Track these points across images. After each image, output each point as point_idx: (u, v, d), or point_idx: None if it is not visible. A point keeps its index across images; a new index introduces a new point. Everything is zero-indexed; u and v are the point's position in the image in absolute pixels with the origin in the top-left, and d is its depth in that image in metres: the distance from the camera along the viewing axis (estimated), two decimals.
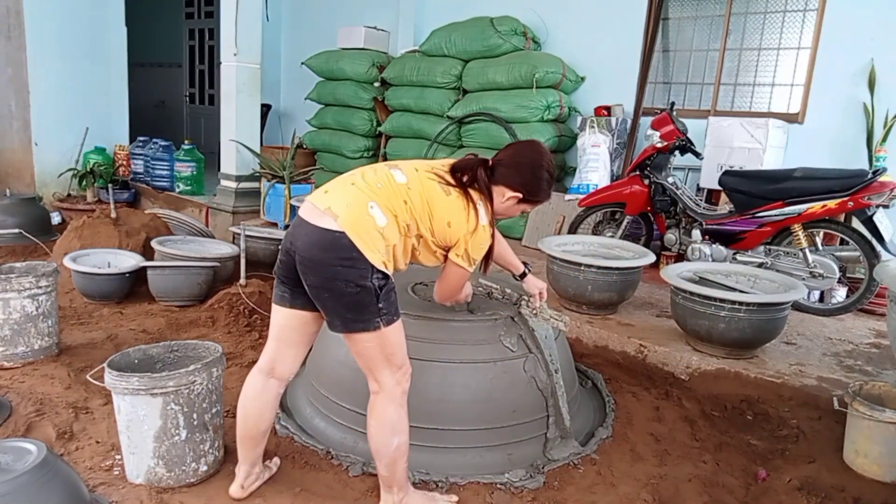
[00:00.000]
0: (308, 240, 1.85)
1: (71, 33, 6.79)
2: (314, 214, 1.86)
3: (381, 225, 1.84)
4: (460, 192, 1.96)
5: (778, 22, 5.10)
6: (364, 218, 1.83)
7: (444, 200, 1.93)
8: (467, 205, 1.95)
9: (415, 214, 1.91)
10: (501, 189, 2.02)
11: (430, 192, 1.93)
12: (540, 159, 2.04)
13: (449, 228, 1.94)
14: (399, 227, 1.89)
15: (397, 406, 1.95)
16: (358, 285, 1.81)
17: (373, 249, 1.81)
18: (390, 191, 1.90)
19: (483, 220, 1.97)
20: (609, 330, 3.47)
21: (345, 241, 1.79)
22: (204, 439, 2.14)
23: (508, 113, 5.57)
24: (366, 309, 1.84)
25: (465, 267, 2.01)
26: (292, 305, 2.00)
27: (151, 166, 6.98)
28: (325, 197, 1.90)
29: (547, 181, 2.05)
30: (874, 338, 3.65)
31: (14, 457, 1.68)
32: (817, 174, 3.84)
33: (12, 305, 2.93)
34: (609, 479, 2.32)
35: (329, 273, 1.81)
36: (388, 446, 1.95)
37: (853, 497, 2.24)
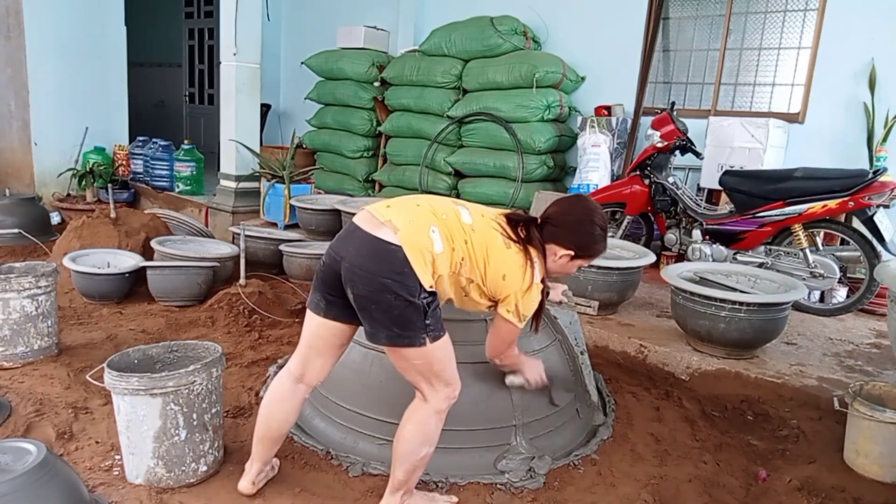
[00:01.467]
0: (361, 247, 1.82)
1: (70, 33, 6.79)
2: (372, 224, 1.84)
3: (437, 251, 1.82)
4: (520, 248, 1.94)
5: (778, 22, 5.10)
6: (423, 239, 1.81)
7: (504, 253, 1.91)
8: (525, 262, 1.93)
9: (472, 257, 1.89)
10: (553, 247, 1.99)
11: (491, 241, 1.91)
12: (590, 215, 2.01)
13: (503, 281, 1.92)
14: (452, 262, 1.87)
15: (438, 419, 1.94)
16: (406, 300, 1.78)
17: (424, 270, 1.79)
18: (454, 225, 1.89)
19: (537, 279, 1.95)
20: (609, 330, 3.47)
21: (400, 255, 1.77)
22: (203, 439, 2.14)
23: (508, 113, 5.57)
24: (412, 324, 1.81)
25: (515, 323, 1.96)
26: (326, 315, 1.97)
27: (151, 166, 6.98)
28: (387, 210, 1.87)
29: (599, 236, 2.03)
30: (875, 338, 3.65)
31: (14, 457, 1.67)
32: (818, 174, 3.84)
33: (12, 305, 2.92)
34: (609, 479, 2.32)
35: (378, 285, 1.78)
36: (416, 454, 1.93)
37: (853, 497, 2.24)
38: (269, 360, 3.19)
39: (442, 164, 6.00)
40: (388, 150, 6.53)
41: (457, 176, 6.08)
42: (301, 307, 3.96)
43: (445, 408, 1.94)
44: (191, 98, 10.11)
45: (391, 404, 2.32)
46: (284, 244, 4.64)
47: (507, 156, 5.60)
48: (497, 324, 2.03)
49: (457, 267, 1.88)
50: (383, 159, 6.73)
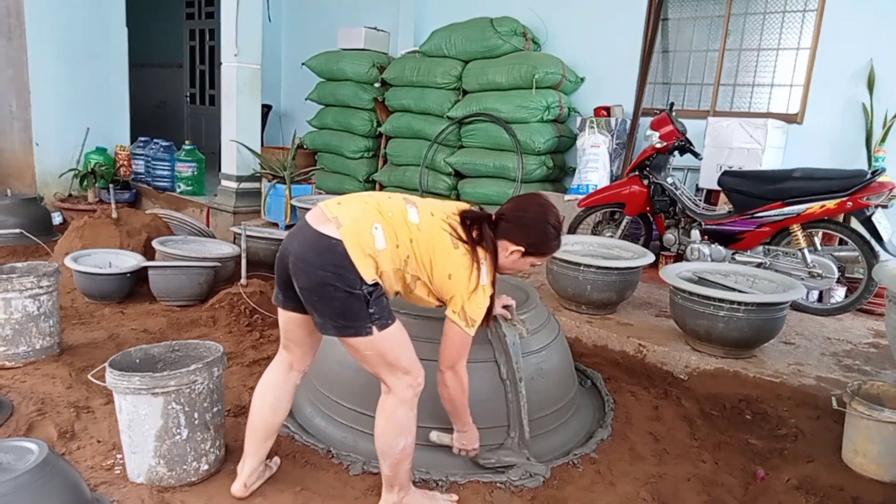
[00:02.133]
0: (305, 242, 1.87)
1: (72, 34, 6.80)
2: (319, 219, 1.89)
3: (378, 247, 1.86)
4: (468, 249, 1.95)
5: (777, 22, 5.11)
6: (365, 235, 1.85)
7: (450, 253, 1.93)
8: (472, 263, 1.94)
9: (417, 255, 1.92)
10: (505, 244, 2.01)
11: (437, 241, 1.93)
12: (543, 213, 2.03)
13: (449, 280, 1.94)
14: (395, 259, 1.89)
15: (407, 409, 1.94)
16: (347, 291, 1.81)
17: (365, 264, 1.83)
18: (400, 223, 1.92)
19: (484, 280, 1.95)
20: (608, 330, 3.48)
21: (340, 249, 1.81)
22: (205, 438, 2.15)
23: (508, 113, 5.58)
24: (356, 314, 1.83)
25: (463, 328, 1.95)
26: (285, 307, 2.03)
27: (152, 166, 6.99)
28: (336, 207, 1.92)
29: (552, 234, 2.03)
30: (873, 337, 3.66)
31: (15, 456, 1.69)
32: (816, 174, 3.85)
33: (14, 305, 2.94)
34: (608, 478, 2.33)
35: (318, 277, 1.82)
36: (395, 447, 1.94)
37: (852, 496, 2.25)
38: (271, 359, 3.16)
39: (442, 165, 6.01)
40: (389, 151, 6.54)
41: (457, 176, 6.09)
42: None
43: (411, 396, 1.94)
44: (192, 99, 10.12)
45: None
46: None
47: (507, 156, 5.61)
48: (446, 331, 2.00)
49: (401, 264, 1.91)
50: (383, 160, 6.74)
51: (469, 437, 2.22)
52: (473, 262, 1.94)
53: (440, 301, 2.02)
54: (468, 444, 2.23)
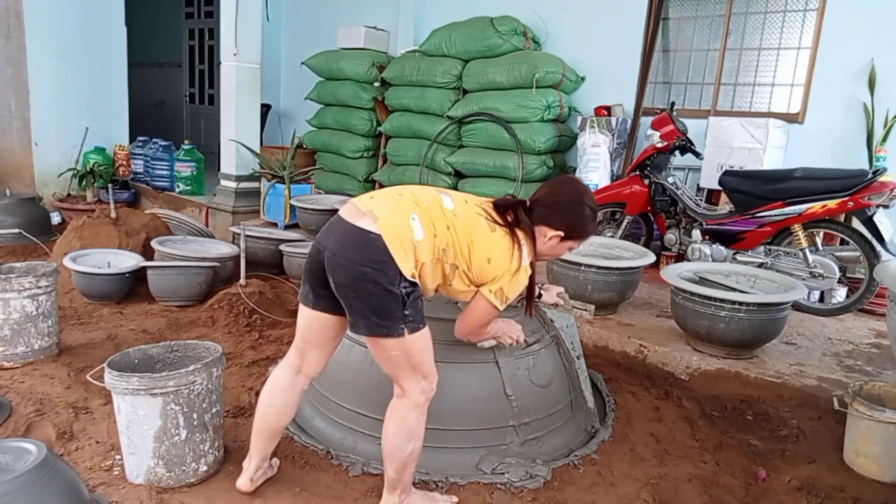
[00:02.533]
0: (342, 237, 1.84)
1: (71, 33, 6.79)
2: (354, 214, 1.86)
3: (417, 238, 1.83)
4: (506, 231, 1.93)
5: (778, 22, 5.10)
6: (403, 227, 1.82)
7: (489, 236, 1.91)
8: (512, 244, 1.93)
9: (455, 242, 1.89)
10: (542, 229, 2.00)
11: (475, 226, 1.91)
12: (580, 195, 2.03)
13: (488, 265, 1.91)
14: (435, 249, 1.87)
15: (418, 413, 1.93)
16: (385, 289, 1.78)
17: (404, 259, 1.80)
18: (436, 212, 1.90)
19: (525, 262, 1.94)
20: (609, 330, 3.48)
21: (379, 244, 1.78)
22: (204, 439, 2.14)
23: (508, 113, 5.57)
24: (391, 314, 1.81)
25: (496, 305, 1.94)
26: (315, 307, 1.99)
27: (151, 166, 6.98)
28: (370, 201, 1.90)
29: (589, 216, 2.02)
30: (874, 338, 3.65)
31: (14, 457, 1.68)
32: (817, 174, 3.84)
33: (12, 305, 2.93)
34: (609, 479, 2.32)
35: (357, 273, 1.79)
36: (403, 451, 1.93)
37: (853, 497, 2.24)
38: (270, 359, 3.20)
39: (442, 164, 6.00)
40: (388, 151, 6.53)
41: (457, 176, 6.08)
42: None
43: (424, 401, 1.93)
44: (191, 98, 10.12)
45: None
46: (284, 244, 4.64)
47: (507, 156, 5.60)
48: (475, 303, 1.98)
49: (440, 253, 1.88)
50: (383, 159, 6.73)
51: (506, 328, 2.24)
52: (514, 243, 1.93)
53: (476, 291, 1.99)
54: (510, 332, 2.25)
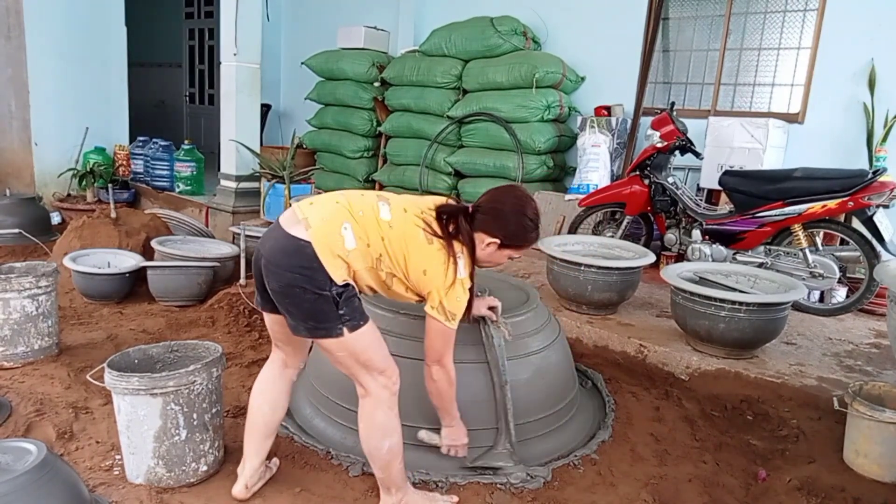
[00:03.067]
0: (275, 244, 1.88)
1: (71, 33, 6.79)
2: (290, 221, 1.90)
3: (348, 248, 1.86)
4: (443, 245, 1.93)
5: (778, 22, 5.10)
6: (334, 235, 1.85)
7: (424, 249, 1.92)
8: (447, 258, 1.92)
9: (390, 252, 1.91)
10: (481, 236, 1.99)
11: (411, 238, 1.92)
12: (520, 205, 2.01)
13: (424, 276, 1.93)
14: (367, 257, 1.89)
15: (386, 409, 1.93)
16: (315, 293, 1.81)
17: (334, 265, 1.82)
18: (370, 222, 1.91)
19: (461, 274, 1.93)
20: (609, 330, 3.47)
21: (308, 251, 1.81)
22: (204, 439, 2.14)
23: (508, 113, 5.57)
24: (326, 316, 1.83)
25: (443, 322, 1.94)
26: (263, 308, 2.05)
27: (151, 166, 6.98)
28: (308, 208, 1.92)
29: (529, 226, 2.01)
30: (874, 338, 3.65)
31: (14, 457, 1.68)
32: (817, 174, 3.84)
33: (12, 305, 2.93)
34: (609, 479, 2.32)
35: (288, 279, 1.83)
36: (380, 449, 1.94)
37: (853, 497, 2.24)
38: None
39: (442, 165, 6.00)
40: (388, 151, 6.53)
41: (457, 176, 6.08)
42: None
43: (388, 396, 1.93)
44: (191, 98, 10.12)
45: None
46: None
47: (507, 156, 5.60)
48: (427, 326, 1.99)
49: (374, 262, 1.90)
50: (383, 159, 6.73)
51: (457, 433, 2.20)
52: (449, 257, 1.93)
53: (419, 296, 2.01)
54: (457, 439, 2.21)
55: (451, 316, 1.95)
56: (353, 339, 1.86)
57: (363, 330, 1.88)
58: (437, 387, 2.07)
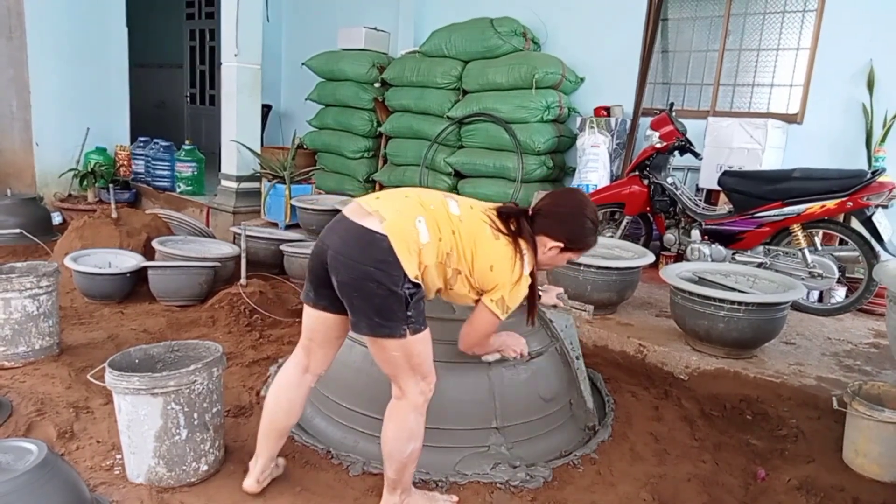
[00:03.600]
0: (347, 235, 1.84)
1: (72, 34, 6.80)
2: (359, 214, 1.86)
3: (423, 241, 1.83)
4: (509, 240, 1.94)
5: (777, 22, 5.10)
6: (409, 229, 1.82)
7: (492, 244, 1.92)
8: (514, 254, 1.93)
9: (459, 247, 1.89)
10: (543, 239, 2.00)
11: (479, 232, 1.92)
12: (582, 207, 2.03)
13: (490, 272, 1.92)
14: (439, 252, 1.87)
15: (417, 414, 1.93)
16: (389, 289, 1.78)
17: (409, 260, 1.80)
18: (442, 216, 1.90)
19: (526, 271, 1.95)
20: (609, 330, 3.48)
21: (384, 244, 1.77)
22: (204, 439, 2.15)
23: (508, 113, 5.57)
24: (394, 315, 1.80)
25: (498, 314, 1.95)
26: (316, 306, 1.99)
27: (152, 166, 6.99)
28: (375, 201, 1.89)
29: (590, 229, 2.03)
30: (873, 338, 3.65)
31: (15, 456, 1.68)
32: (816, 174, 3.85)
33: (13, 305, 2.93)
34: (609, 478, 2.33)
35: (361, 272, 1.79)
36: (403, 452, 1.93)
37: (852, 497, 2.25)
38: (270, 359, 3.20)
39: (442, 165, 6.01)
40: (389, 151, 6.54)
41: (457, 176, 6.08)
42: (302, 306, 3.97)
43: (422, 402, 1.94)
44: (192, 99, 10.12)
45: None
46: (285, 244, 4.65)
47: (507, 156, 5.60)
48: (477, 313, 1.99)
49: (443, 257, 1.88)
50: (384, 160, 6.73)
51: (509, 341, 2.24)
52: (516, 253, 1.93)
53: (479, 296, 1.99)
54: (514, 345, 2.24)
55: (508, 310, 1.96)
56: (413, 341, 1.84)
57: (423, 334, 1.88)
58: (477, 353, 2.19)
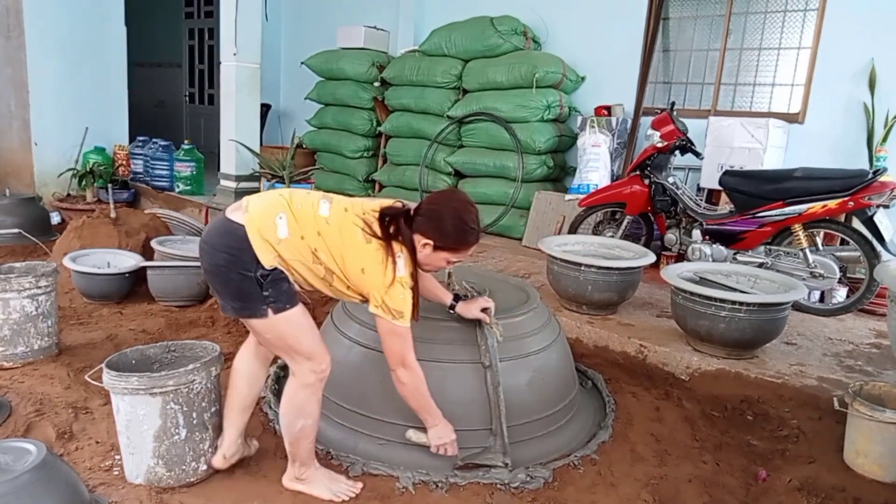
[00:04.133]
0: (213, 226, 2.02)
1: (70, 33, 6.79)
2: (233, 208, 2.01)
3: (280, 236, 1.92)
4: (381, 245, 1.97)
5: (778, 22, 5.10)
6: (268, 223, 1.93)
7: (362, 248, 1.96)
8: (385, 258, 1.96)
9: (326, 248, 1.96)
10: (418, 237, 2.01)
11: (348, 236, 1.97)
12: (456, 208, 2.03)
13: (363, 275, 1.97)
14: (301, 249, 1.94)
15: (309, 392, 2.03)
16: (241, 274, 1.91)
17: (263, 249, 1.90)
18: (306, 216, 1.97)
19: (401, 272, 1.97)
20: (609, 330, 3.47)
21: (240, 233, 1.91)
22: (203, 438, 2.14)
23: (508, 113, 5.57)
24: (250, 297, 1.93)
25: (390, 320, 1.97)
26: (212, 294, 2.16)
27: (151, 166, 6.98)
28: (253, 197, 2.04)
29: (461, 227, 2.01)
30: (874, 338, 3.64)
31: (14, 457, 1.68)
32: (818, 174, 3.84)
33: (12, 305, 2.93)
34: (609, 479, 2.32)
35: (217, 258, 1.94)
36: (293, 427, 2.05)
37: (853, 497, 2.24)
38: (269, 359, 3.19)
39: (442, 164, 6.00)
40: (388, 151, 6.53)
41: (457, 176, 6.08)
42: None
43: (313, 381, 2.02)
44: (191, 98, 10.11)
45: (391, 404, 2.33)
46: None
47: (507, 156, 5.60)
48: (377, 324, 2.03)
49: (310, 257, 1.96)
50: (383, 159, 6.73)
51: (443, 431, 2.20)
52: (388, 257, 1.96)
53: (362, 296, 2.05)
54: (443, 437, 2.20)
55: (397, 314, 1.97)
56: (278, 321, 1.94)
57: (289, 314, 1.96)
58: (407, 390, 2.10)
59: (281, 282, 1.94)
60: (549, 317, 2.72)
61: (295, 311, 1.97)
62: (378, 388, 2.37)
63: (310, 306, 2.23)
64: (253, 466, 2.27)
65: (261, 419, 2.59)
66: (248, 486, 2.16)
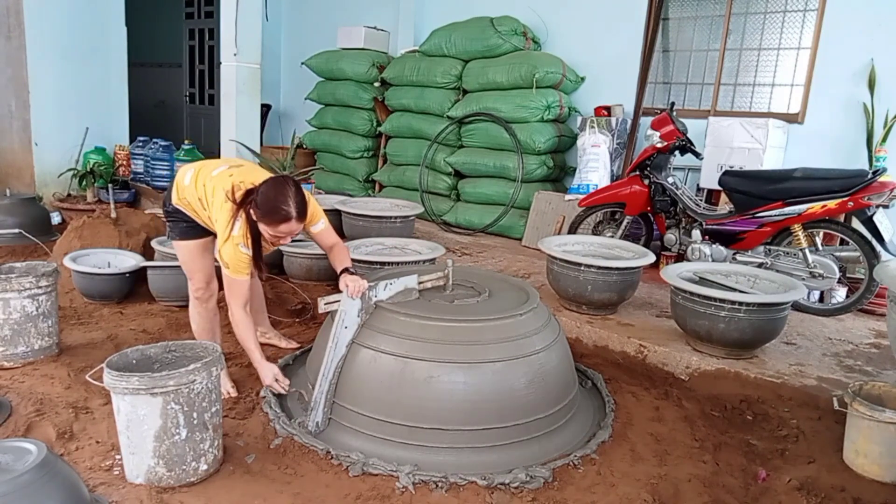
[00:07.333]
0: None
1: (71, 33, 6.79)
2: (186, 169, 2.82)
3: (185, 184, 2.70)
4: (232, 208, 2.49)
5: (778, 22, 5.10)
6: (182, 174, 2.75)
7: (221, 206, 2.53)
8: (229, 219, 2.50)
9: (206, 198, 2.61)
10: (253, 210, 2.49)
11: (217, 193, 2.56)
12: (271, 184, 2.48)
13: (217, 224, 2.57)
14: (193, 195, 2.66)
15: (195, 306, 2.86)
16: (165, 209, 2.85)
17: (173, 191, 2.76)
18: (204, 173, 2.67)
19: (235, 232, 2.50)
20: (609, 330, 3.47)
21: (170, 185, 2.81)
22: (204, 438, 2.14)
23: (508, 113, 5.57)
24: (167, 226, 2.89)
25: (225, 270, 2.56)
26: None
27: (151, 166, 6.99)
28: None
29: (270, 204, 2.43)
30: (874, 338, 3.65)
31: (14, 457, 1.68)
32: (817, 174, 3.84)
33: (12, 305, 2.93)
34: (609, 479, 2.32)
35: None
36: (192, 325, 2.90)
37: (853, 497, 2.24)
38: (269, 359, 3.19)
39: (442, 165, 6.00)
40: (389, 151, 6.53)
41: (457, 176, 6.08)
42: (301, 307, 3.97)
43: (193, 298, 2.84)
44: (191, 98, 10.10)
45: (391, 404, 2.33)
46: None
47: (507, 156, 5.60)
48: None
49: (197, 203, 2.65)
50: (383, 159, 6.73)
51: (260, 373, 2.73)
52: (231, 219, 2.49)
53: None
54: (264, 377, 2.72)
55: (225, 265, 2.54)
56: (176, 246, 2.85)
57: (181, 245, 2.80)
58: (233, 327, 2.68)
59: (178, 222, 2.76)
60: (548, 317, 2.72)
61: (185, 244, 2.78)
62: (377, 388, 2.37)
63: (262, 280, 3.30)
64: (253, 466, 2.27)
65: (261, 419, 2.60)
66: (248, 486, 2.16)
